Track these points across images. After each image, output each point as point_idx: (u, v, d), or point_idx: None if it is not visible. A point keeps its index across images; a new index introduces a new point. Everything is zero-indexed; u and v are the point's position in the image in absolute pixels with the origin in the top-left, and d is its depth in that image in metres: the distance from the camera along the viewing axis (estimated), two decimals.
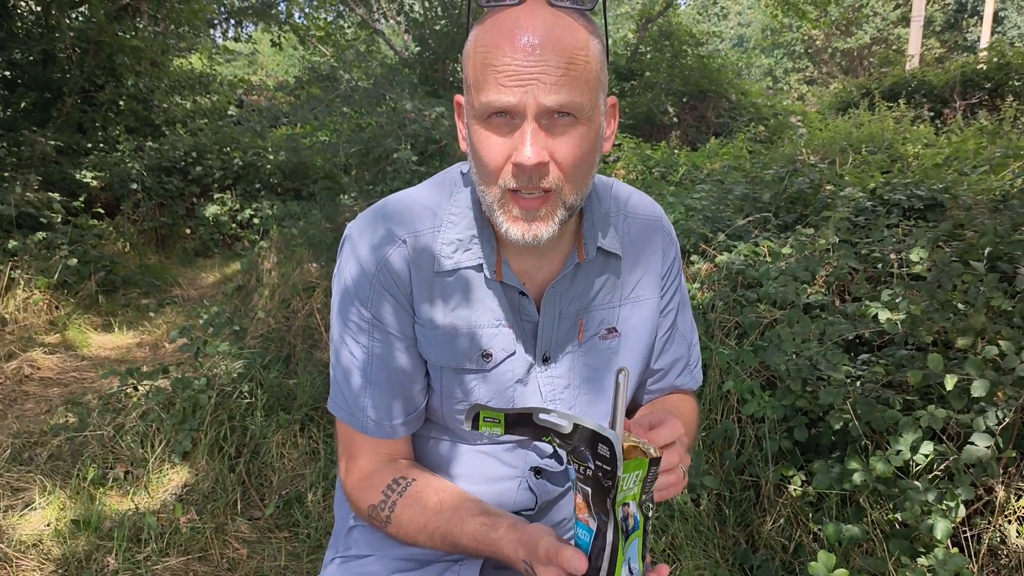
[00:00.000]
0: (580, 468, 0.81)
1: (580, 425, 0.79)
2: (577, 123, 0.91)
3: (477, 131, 0.93)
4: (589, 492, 0.81)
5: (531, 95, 0.87)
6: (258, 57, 18.17)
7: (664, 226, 1.18)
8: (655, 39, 11.34)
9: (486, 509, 1.02)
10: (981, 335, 2.29)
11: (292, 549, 2.62)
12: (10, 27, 7.48)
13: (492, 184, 0.94)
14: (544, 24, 0.88)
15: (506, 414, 0.84)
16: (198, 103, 9.86)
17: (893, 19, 24.28)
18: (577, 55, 0.89)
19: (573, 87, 0.88)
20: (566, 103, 0.88)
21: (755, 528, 2.37)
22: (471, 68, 0.92)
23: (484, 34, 0.91)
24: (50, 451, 3.17)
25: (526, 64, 0.87)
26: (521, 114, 0.89)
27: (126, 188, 7.46)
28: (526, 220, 0.94)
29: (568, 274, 1.07)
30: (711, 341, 2.82)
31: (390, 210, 1.07)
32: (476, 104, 0.91)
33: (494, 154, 0.92)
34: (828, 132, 6.78)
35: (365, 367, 1.08)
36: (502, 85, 0.88)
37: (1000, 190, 3.44)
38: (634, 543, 0.83)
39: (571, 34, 0.89)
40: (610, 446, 0.77)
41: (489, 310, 1.07)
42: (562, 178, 0.93)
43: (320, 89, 9.21)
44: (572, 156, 0.92)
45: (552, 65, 0.87)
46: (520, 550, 0.92)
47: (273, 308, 4.51)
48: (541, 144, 0.89)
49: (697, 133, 10.30)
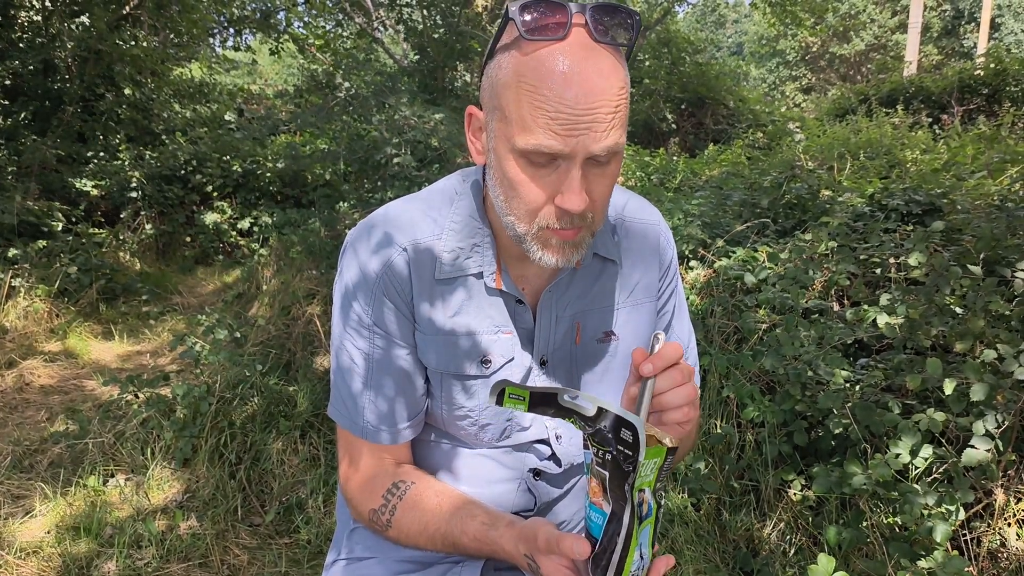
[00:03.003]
0: (599, 452, 0.82)
1: (604, 409, 0.80)
2: (612, 162, 0.92)
3: (514, 168, 0.92)
4: (607, 476, 0.82)
5: (582, 144, 0.86)
6: (257, 66, 18.21)
7: (661, 230, 1.18)
8: (654, 47, 11.37)
9: (485, 509, 1.03)
10: (980, 339, 2.30)
11: (292, 555, 2.62)
12: (11, 36, 7.51)
13: (528, 221, 0.94)
14: (594, 68, 0.86)
15: (531, 391, 0.84)
16: (198, 112, 9.89)
17: (891, 26, 24.39)
18: (621, 96, 0.88)
19: (619, 129, 0.88)
20: (613, 146, 0.88)
21: (755, 532, 2.37)
22: (512, 102, 0.89)
23: (528, 68, 0.87)
24: (51, 458, 3.17)
25: (578, 112, 0.85)
26: (568, 158, 0.88)
27: (126, 196, 7.47)
28: (562, 249, 0.95)
29: (564, 279, 1.08)
30: (710, 346, 2.83)
31: (391, 217, 1.08)
32: (518, 142, 0.89)
33: (535, 195, 0.92)
34: (826, 138, 6.80)
35: (365, 373, 1.08)
36: (554, 132, 0.86)
37: (998, 195, 3.45)
38: (646, 529, 0.84)
39: (616, 74, 0.87)
40: (634, 431, 0.78)
41: (488, 316, 1.08)
42: (594, 215, 0.94)
43: (319, 97, 9.23)
44: (605, 195, 0.94)
45: (603, 113, 0.86)
46: (520, 544, 0.93)
47: (273, 315, 4.52)
48: (584, 188, 0.89)
49: (696, 140, 10.33)
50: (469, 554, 1.03)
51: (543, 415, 0.86)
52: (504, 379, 0.84)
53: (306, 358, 3.95)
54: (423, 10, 10.30)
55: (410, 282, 1.05)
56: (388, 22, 11.19)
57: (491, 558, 1.01)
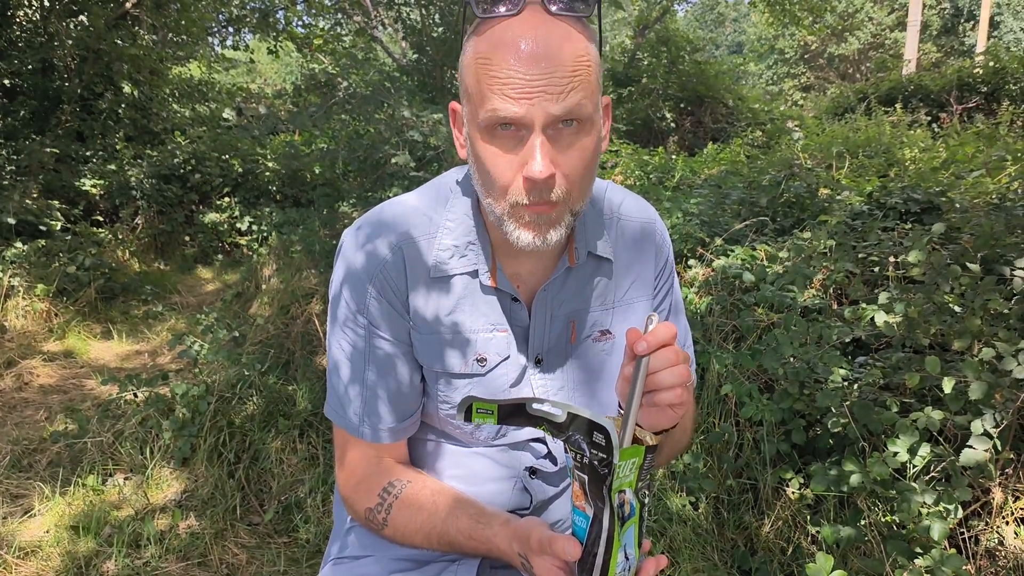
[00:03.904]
0: (576, 456, 0.82)
1: (575, 414, 0.80)
2: (581, 132, 0.91)
3: (481, 145, 0.93)
4: (585, 480, 0.82)
5: (538, 107, 0.87)
6: (256, 65, 18.18)
7: (657, 229, 1.18)
8: (652, 45, 11.36)
9: (480, 508, 1.03)
10: (978, 337, 2.29)
11: (291, 554, 2.62)
12: (9, 36, 7.50)
13: (501, 199, 0.94)
14: (545, 34, 0.88)
15: (499, 405, 0.84)
16: (197, 111, 9.88)
17: (889, 24, 24.38)
18: (580, 62, 0.89)
19: (578, 93, 0.88)
20: (572, 109, 0.88)
21: (753, 531, 2.37)
22: (471, 79, 0.92)
23: (483, 45, 0.90)
24: (50, 458, 3.17)
25: (531, 76, 0.86)
26: (528, 126, 0.88)
27: (125, 196, 7.46)
28: (537, 225, 0.94)
29: (559, 278, 1.08)
30: (709, 345, 2.83)
31: (386, 216, 1.08)
32: (480, 115, 0.90)
33: (502, 170, 0.92)
34: (825, 137, 6.79)
35: (360, 372, 1.08)
36: (508, 96, 0.87)
37: (996, 193, 3.45)
38: (630, 530, 0.84)
39: (572, 42, 0.89)
40: (606, 434, 0.78)
41: (483, 315, 1.08)
42: (568, 189, 0.93)
43: (318, 96, 9.22)
44: (578, 169, 0.93)
45: (557, 76, 0.87)
46: (514, 543, 0.93)
47: (272, 315, 4.52)
48: (550, 156, 0.89)
49: (695, 138, 10.32)
50: (464, 552, 1.03)
51: (514, 426, 0.86)
52: (470, 395, 0.84)
53: (305, 357, 3.95)
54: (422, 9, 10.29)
55: (405, 280, 1.05)
56: (387, 21, 11.17)
57: (486, 556, 1.01)
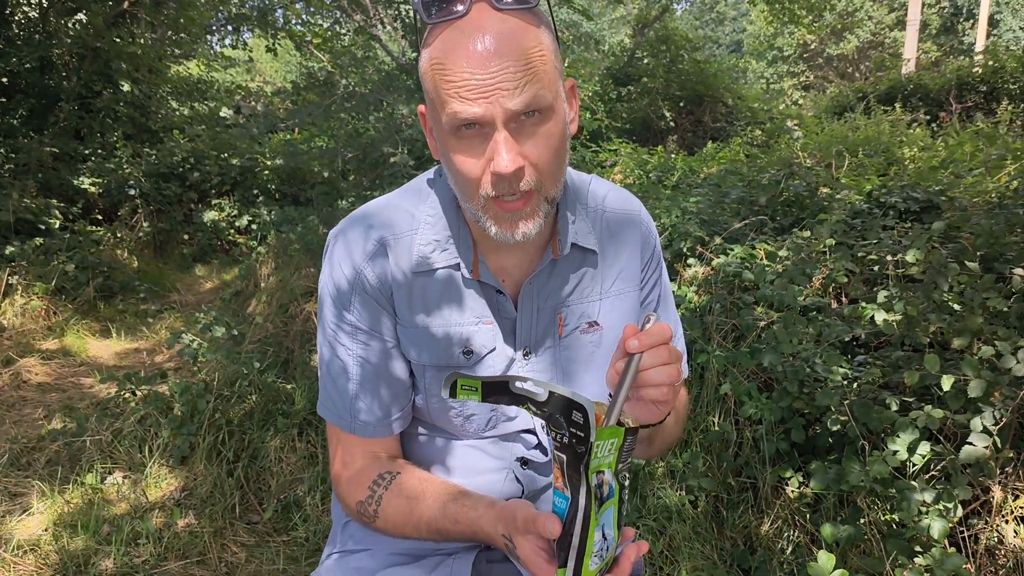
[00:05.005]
0: (556, 436, 0.82)
1: (555, 392, 0.81)
2: (543, 121, 0.92)
3: (450, 146, 0.94)
4: (564, 460, 0.82)
5: (496, 104, 0.88)
6: (255, 63, 18.19)
7: (642, 220, 1.19)
8: (652, 44, 11.34)
9: (467, 493, 1.04)
10: (977, 336, 2.29)
11: (290, 553, 2.62)
12: (8, 34, 7.48)
13: (473, 196, 0.96)
14: (494, 30, 0.88)
15: (483, 382, 0.85)
16: (195, 109, 9.87)
17: (889, 23, 24.39)
18: (532, 53, 0.89)
19: (534, 85, 0.89)
20: (531, 101, 0.89)
21: (753, 529, 2.37)
22: (430, 85, 0.93)
23: (436, 50, 0.91)
24: (48, 456, 3.17)
25: (485, 75, 0.87)
26: (490, 123, 0.89)
27: (124, 194, 7.46)
28: (512, 221, 0.96)
29: (544, 270, 1.09)
30: (708, 344, 2.83)
31: (369, 214, 1.10)
32: (443, 119, 0.92)
33: (470, 167, 0.93)
34: (825, 136, 6.79)
35: (350, 369, 1.10)
36: (465, 99, 0.88)
37: (996, 192, 3.45)
38: (608, 510, 0.84)
39: (522, 34, 0.89)
40: (584, 412, 0.78)
41: (468, 308, 1.09)
42: (539, 177, 0.94)
43: (317, 95, 9.22)
44: (546, 156, 0.94)
45: (511, 71, 0.87)
46: (499, 525, 0.94)
47: (271, 313, 4.52)
48: (515, 151, 0.90)
49: (694, 138, 10.30)
50: (452, 539, 1.03)
51: (498, 404, 0.86)
52: (454, 371, 0.84)
53: (304, 356, 3.95)
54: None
55: (389, 277, 1.07)
56: (386, 19, 11.17)
57: (471, 540, 1.01)
